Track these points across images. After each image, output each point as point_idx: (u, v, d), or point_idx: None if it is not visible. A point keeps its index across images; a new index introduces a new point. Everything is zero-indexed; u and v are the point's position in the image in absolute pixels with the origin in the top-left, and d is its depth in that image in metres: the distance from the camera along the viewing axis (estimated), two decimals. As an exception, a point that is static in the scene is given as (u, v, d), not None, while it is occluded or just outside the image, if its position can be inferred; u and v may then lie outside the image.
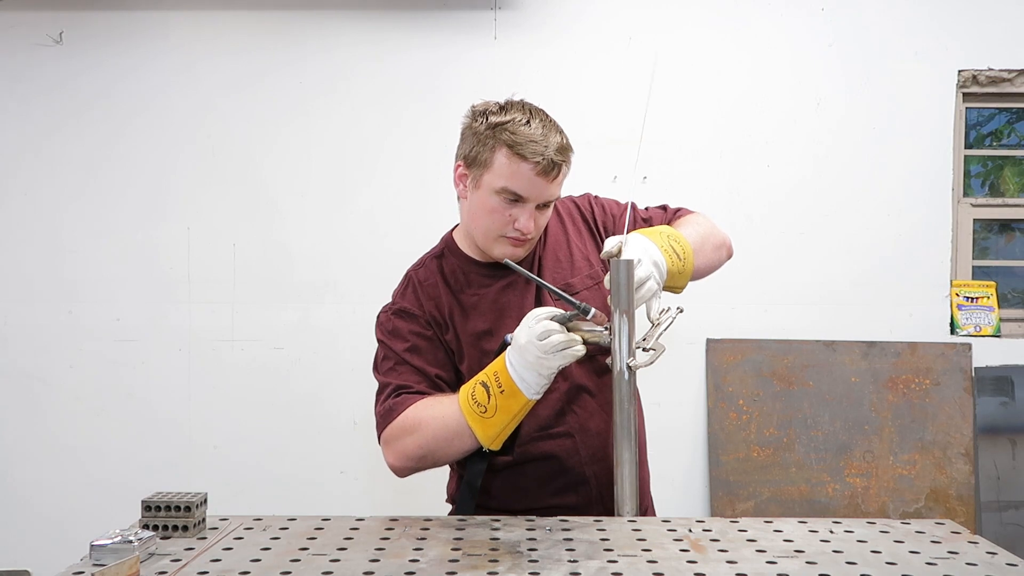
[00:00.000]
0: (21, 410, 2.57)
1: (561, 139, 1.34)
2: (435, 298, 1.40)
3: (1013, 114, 2.75)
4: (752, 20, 2.58)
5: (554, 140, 1.32)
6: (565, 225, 1.48)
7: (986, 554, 1.02)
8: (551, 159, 1.29)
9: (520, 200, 1.32)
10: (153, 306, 2.58)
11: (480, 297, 1.40)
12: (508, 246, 1.35)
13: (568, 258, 1.44)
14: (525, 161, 1.29)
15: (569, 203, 1.52)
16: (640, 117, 2.57)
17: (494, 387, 1.22)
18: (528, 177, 1.29)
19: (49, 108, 2.58)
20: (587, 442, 1.37)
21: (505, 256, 1.33)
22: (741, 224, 2.56)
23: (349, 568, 0.96)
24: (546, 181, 1.31)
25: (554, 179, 1.32)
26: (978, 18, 2.56)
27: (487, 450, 1.28)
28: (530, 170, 1.29)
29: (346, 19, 2.59)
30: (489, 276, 1.42)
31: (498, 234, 1.35)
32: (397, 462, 1.31)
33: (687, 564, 0.97)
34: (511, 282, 1.41)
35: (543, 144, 1.29)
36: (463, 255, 1.44)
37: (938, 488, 2.49)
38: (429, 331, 1.38)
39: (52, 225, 2.58)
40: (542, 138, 1.30)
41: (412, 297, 1.41)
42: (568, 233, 1.47)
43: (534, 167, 1.29)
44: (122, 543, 0.95)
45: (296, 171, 2.59)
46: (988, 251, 2.73)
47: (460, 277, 1.42)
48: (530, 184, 1.30)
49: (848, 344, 2.54)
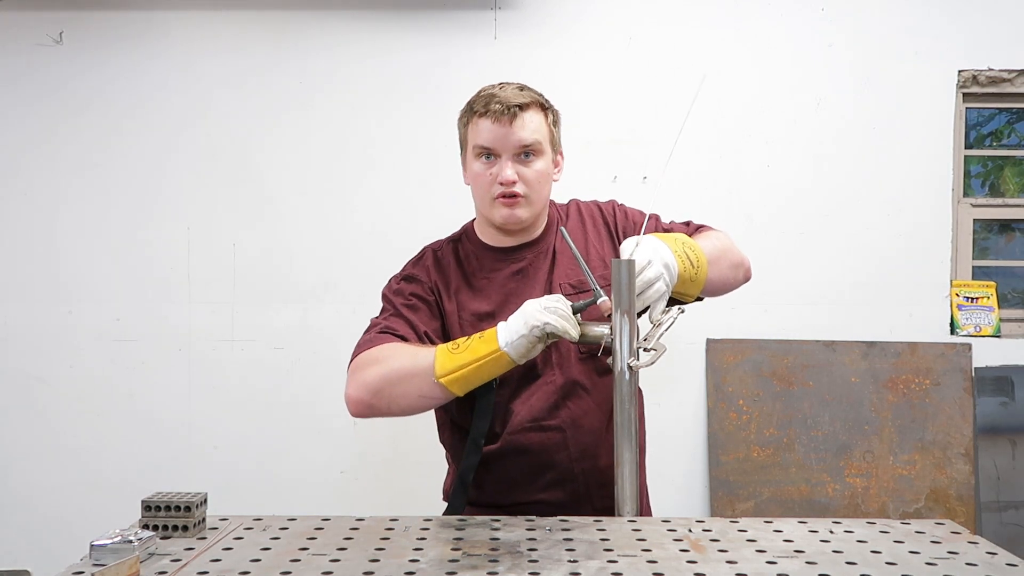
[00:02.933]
0: (21, 410, 2.57)
1: (521, 90, 1.40)
2: (445, 273, 1.45)
3: (1013, 114, 2.75)
4: (752, 20, 2.58)
5: (510, 91, 1.39)
6: (585, 225, 1.51)
7: (986, 554, 1.02)
8: (505, 104, 1.35)
9: (493, 154, 1.38)
10: (153, 306, 2.58)
11: (489, 281, 1.44)
12: (503, 207, 1.39)
13: (584, 256, 1.45)
14: (484, 116, 1.37)
15: (593, 206, 1.56)
16: (639, 117, 2.57)
17: (476, 335, 1.27)
18: (488, 128, 1.37)
19: (49, 108, 2.58)
20: (578, 439, 1.38)
21: (505, 219, 1.39)
22: (741, 224, 2.56)
23: (349, 568, 0.96)
24: (507, 128, 1.36)
25: (514, 123, 1.36)
26: (978, 18, 2.56)
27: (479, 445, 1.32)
28: (489, 122, 1.36)
29: (346, 19, 2.59)
30: (501, 261, 1.45)
31: (490, 197, 1.40)
32: (354, 393, 1.31)
33: (687, 564, 0.97)
34: (522, 269, 1.44)
35: (498, 96, 1.37)
36: (478, 241, 1.49)
37: (938, 488, 2.49)
38: (431, 297, 1.43)
39: (52, 225, 2.58)
40: (498, 91, 1.38)
41: (422, 267, 1.47)
42: (587, 233, 1.50)
43: (492, 116, 1.36)
44: (122, 543, 0.95)
45: (296, 171, 2.59)
46: (988, 251, 2.73)
47: (473, 261, 1.47)
48: (493, 134, 1.37)
49: (848, 344, 2.54)
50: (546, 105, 1.44)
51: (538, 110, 1.40)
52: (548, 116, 1.43)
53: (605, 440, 1.38)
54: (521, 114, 1.37)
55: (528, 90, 1.42)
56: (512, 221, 1.41)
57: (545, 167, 1.42)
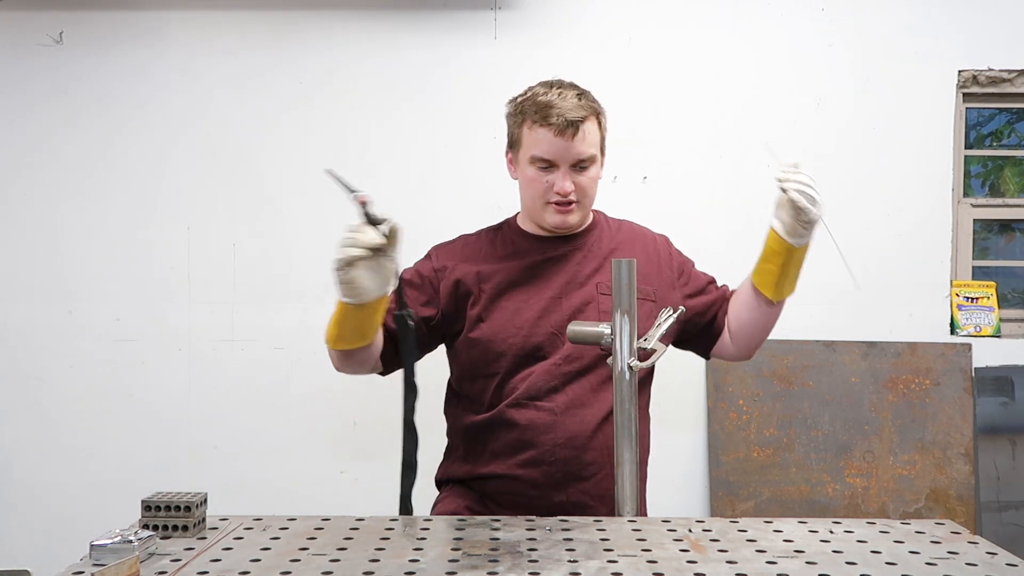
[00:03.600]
0: (21, 410, 2.57)
1: (579, 99, 1.40)
2: (466, 254, 1.48)
3: (1013, 114, 2.75)
4: (752, 20, 2.58)
5: (570, 101, 1.39)
6: (631, 241, 1.52)
7: (986, 554, 1.02)
8: (567, 119, 1.36)
9: (551, 165, 1.40)
10: (153, 306, 2.58)
11: (520, 260, 1.47)
12: (555, 213, 1.42)
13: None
14: (544, 126, 1.38)
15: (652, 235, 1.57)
16: (639, 117, 2.57)
17: None
18: (550, 140, 1.38)
19: (49, 108, 2.58)
20: (568, 425, 1.38)
21: (556, 224, 1.43)
22: (741, 224, 2.56)
23: (349, 568, 0.96)
24: (568, 141, 1.37)
25: (575, 137, 1.37)
26: (978, 18, 2.56)
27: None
28: (549, 133, 1.37)
29: (346, 19, 2.59)
30: (536, 244, 1.48)
31: (542, 202, 1.42)
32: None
33: (687, 564, 0.97)
34: (556, 257, 1.47)
35: (559, 107, 1.37)
36: (519, 229, 1.52)
37: (938, 488, 2.49)
38: (430, 275, 1.47)
39: (52, 225, 2.58)
40: (558, 101, 1.38)
41: (445, 248, 1.52)
42: (634, 249, 1.50)
43: (552, 129, 1.37)
44: (122, 543, 0.95)
45: (296, 171, 2.59)
46: (988, 251, 2.73)
47: (509, 244, 1.50)
48: (553, 147, 1.38)
49: (848, 344, 2.53)
50: (600, 112, 1.45)
51: (594, 120, 1.42)
52: (601, 123, 1.45)
53: (598, 437, 1.38)
54: (581, 127, 1.38)
55: (585, 98, 1.42)
56: (564, 227, 1.45)
57: (597, 173, 1.45)
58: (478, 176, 2.48)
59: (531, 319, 1.41)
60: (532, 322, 1.41)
